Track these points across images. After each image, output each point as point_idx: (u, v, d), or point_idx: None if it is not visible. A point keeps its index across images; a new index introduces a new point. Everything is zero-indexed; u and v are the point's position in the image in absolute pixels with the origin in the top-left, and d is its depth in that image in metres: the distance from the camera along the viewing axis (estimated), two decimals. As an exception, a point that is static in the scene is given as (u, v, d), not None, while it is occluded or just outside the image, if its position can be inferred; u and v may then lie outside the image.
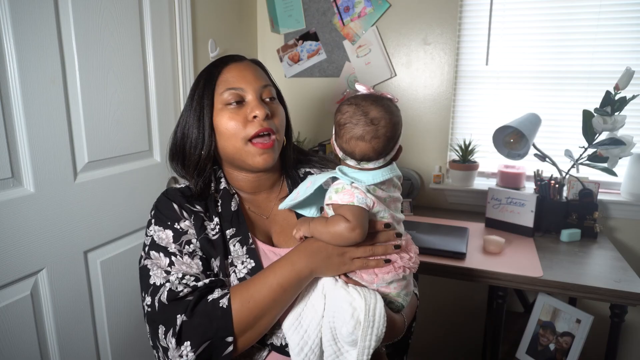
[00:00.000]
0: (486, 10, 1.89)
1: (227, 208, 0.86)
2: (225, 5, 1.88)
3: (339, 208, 0.73)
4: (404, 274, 0.76)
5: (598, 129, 1.64)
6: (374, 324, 0.70)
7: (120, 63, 1.32)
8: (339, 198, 0.72)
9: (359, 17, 2.01)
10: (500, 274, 1.38)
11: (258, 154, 0.82)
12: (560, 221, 1.71)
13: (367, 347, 0.69)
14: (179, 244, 0.80)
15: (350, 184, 0.73)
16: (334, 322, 0.72)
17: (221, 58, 0.89)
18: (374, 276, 0.75)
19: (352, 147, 0.73)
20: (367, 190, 0.73)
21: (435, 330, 2.08)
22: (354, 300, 0.71)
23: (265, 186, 0.93)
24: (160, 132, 1.52)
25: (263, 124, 0.82)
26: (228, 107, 0.83)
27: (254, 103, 0.82)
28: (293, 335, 0.74)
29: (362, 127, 0.72)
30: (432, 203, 2.09)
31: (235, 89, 0.83)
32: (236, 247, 0.82)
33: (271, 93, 0.87)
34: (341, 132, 0.74)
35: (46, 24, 1.09)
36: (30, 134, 1.06)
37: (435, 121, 2.01)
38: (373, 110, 0.72)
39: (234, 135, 0.82)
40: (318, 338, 0.73)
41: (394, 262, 0.76)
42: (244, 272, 0.79)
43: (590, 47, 1.80)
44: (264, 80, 0.87)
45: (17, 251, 1.05)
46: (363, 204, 0.71)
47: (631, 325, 1.88)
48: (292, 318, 0.75)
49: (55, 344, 1.16)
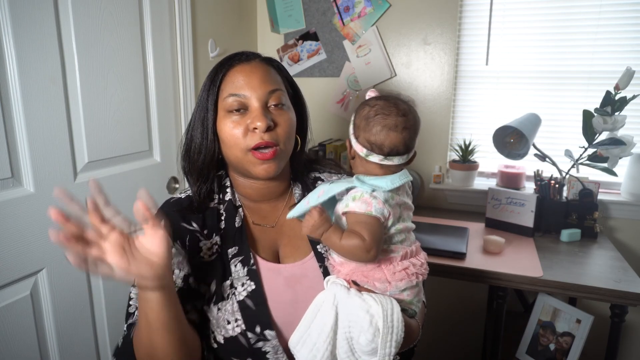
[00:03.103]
0: (486, 10, 1.89)
1: (231, 224, 0.82)
2: (225, 5, 1.88)
3: (355, 222, 0.71)
4: (417, 280, 0.76)
5: (598, 129, 1.64)
6: (392, 329, 0.69)
7: (120, 63, 1.32)
8: (357, 206, 0.71)
9: (359, 17, 2.01)
10: (500, 274, 1.38)
11: (259, 164, 0.78)
12: (560, 221, 1.70)
13: (387, 354, 0.68)
14: None
15: (371, 193, 0.71)
16: (350, 333, 0.70)
17: (230, 56, 0.83)
18: (387, 284, 0.74)
19: (383, 139, 0.73)
20: (385, 200, 0.72)
21: (435, 330, 2.08)
22: (371, 307, 0.70)
23: (274, 194, 0.88)
24: (160, 132, 1.52)
25: (263, 137, 0.77)
26: (231, 114, 0.79)
27: (256, 113, 0.77)
28: (301, 350, 0.72)
29: (395, 117, 0.74)
30: (432, 203, 2.09)
31: (238, 95, 0.78)
32: (237, 267, 0.78)
33: (279, 99, 0.80)
34: (370, 124, 0.74)
35: (46, 24, 1.09)
36: (30, 134, 1.06)
37: (435, 121, 2.01)
38: (402, 104, 0.76)
39: (235, 145, 0.78)
40: (328, 351, 0.71)
41: (407, 269, 0.75)
42: (244, 295, 0.76)
43: (590, 47, 1.80)
44: (272, 85, 0.80)
45: (17, 251, 1.05)
46: (380, 215, 0.70)
47: (631, 326, 1.88)
48: (299, 332, 0.73)
49: (55, 344, 1.16)
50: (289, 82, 0.87)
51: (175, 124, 1.60)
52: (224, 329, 0.76)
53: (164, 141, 1.54)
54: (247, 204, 0.88)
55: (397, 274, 0.74)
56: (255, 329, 0.75)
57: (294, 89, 0.88)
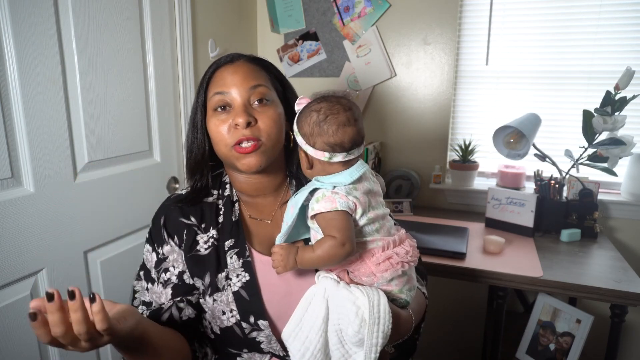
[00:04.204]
0: (486, 10, 1.89)
1: (228, 218, 0.86)
2: (225, 5, 1.88)
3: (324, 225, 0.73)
4: (403, 269, 0.76)
5: (598, 129, 1.64)
6: (379, 320, 0.69)
7: (120, 63, 1.32)
8: (321, 206, 0.72)
9: (359, 17, 2.01)
10: (500, 274, 1.38)
11: (241, 158, 0.81)
12: (560, 221, 1.70)
13: (374, 344, 0.69)
14: (157, 270, 0.84)
15: (332, 190, 0.73)
16: (339, 325, 0.72)
17: (219, 58, 0.88)
18: (372, 276, 0.75)
19: (342, 136, 0.74)
20: (348, 192, 0.73)
21: (435, 330, 2.08)
22: (357, 299, 0.71)
23: (269, 189, 0.90)
24: (160, 132, 1.52)
25: (245, 132, 0.80)
26: (217, 113, 0.83)
27: (237, 110, 0.81)
28: (294, 342, 0.74)
29: (344, 113, 0.75)
30: (432, 203, 2.09)
31: (222, 93, 0.82)
32: (233, 259, 0.82)
33: (262, 94, 0.82)
34: (325, 127, 0.75)
35: (46, 24, 1.09)
36: (30, 134, 1.06)
37: (435, 121, 2.01)
38: (342, 100, 0.77)
39: (221, 141, 0.82)
40: (320, 343, 0.73)
41: (391, 258, 0.75)
42: (238, 286, 0.79)
43: (590, 47, 1.80)
44: (255, 81, 0.83)
45: (17, 251, 1.05)
46: (346, 208, 0.71)
47: (631, 326, 1.88)
48: (292, 325, 0.75)
49: (55, 344, 1.16)
50: (279, 79, 0.90)
51: (175, 124, 1.60)
52: (219, 319, 0.80)
53: (164, 141, 1.54)
54: (244, 199, 0.91)
55: (381, 264, 0.75)
56: (250, 319, 0.78)
57: (284, 86, 0.90)
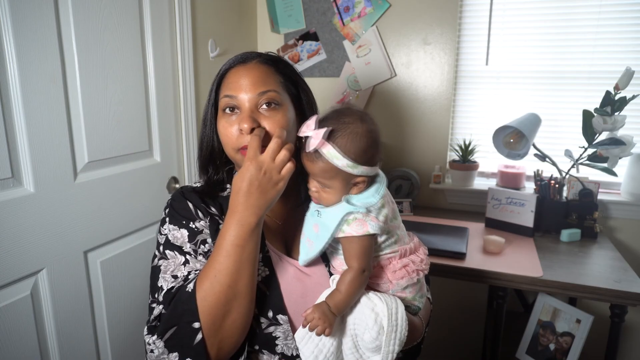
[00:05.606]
0: (486, 10, 1.89)
1: None
2: (225, 5, 1.88)
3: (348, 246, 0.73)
4: (418, 277, 0.77)
5: (598, 129, 1.64)
6: (397, 328, 0.71)
7: (120, 63, 1.32)
8: (352, 230, 0.71)
9: (359, 17, 2.01)
10: (500, 274, 1.38)
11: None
12: (560, 221, 1.71)
13: (390, 351, 0.70)
14: (194, 243, 0.80)
15: (365, 213, 0.72)
16: (355, 330, 0.73)
17: (235, 57, 0.86)
18: (388, 283, 0.76)
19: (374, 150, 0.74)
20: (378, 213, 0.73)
21: (435, 330, 2.08)
22: (376, 306, 0.72)
23: None
24: (160, 132, 1.52)
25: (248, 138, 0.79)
26: (226, 114, 0.82)
27: (243, 115, 0.80)
28: (307, 344, 0.74)
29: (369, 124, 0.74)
30: (432, 203, 2.09)
31: (231, 96, 0.81)
32: None
33: (270, 98, 0.81)
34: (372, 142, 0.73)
35: (46, 24, 1.09)
36: (30, 134, 1.06)
37: (435, 121, 2.01)
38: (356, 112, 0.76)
39: (228, 144, 0.82)
40: (333, 347, 0.73)
41: (407, 266, 0.76)
42: (258, 280, 0.77)
43: (590, 47, 1.80)
44: (265, 86, 0.81)
45: (17, 251, 1.05)
46: (378, 230, 0.71)
47: (631, 325, 1.88)
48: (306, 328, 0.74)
49: (55, 344, 1.16)
50: (292, 80, 0.87)
51: (175, 124, 1.60)
52: None
53: (164, 141, 1.54)
54: None
55: (398, 272, 0.76)
56: (268, 314, 0.77)
57: (298, 88, 0.88)
